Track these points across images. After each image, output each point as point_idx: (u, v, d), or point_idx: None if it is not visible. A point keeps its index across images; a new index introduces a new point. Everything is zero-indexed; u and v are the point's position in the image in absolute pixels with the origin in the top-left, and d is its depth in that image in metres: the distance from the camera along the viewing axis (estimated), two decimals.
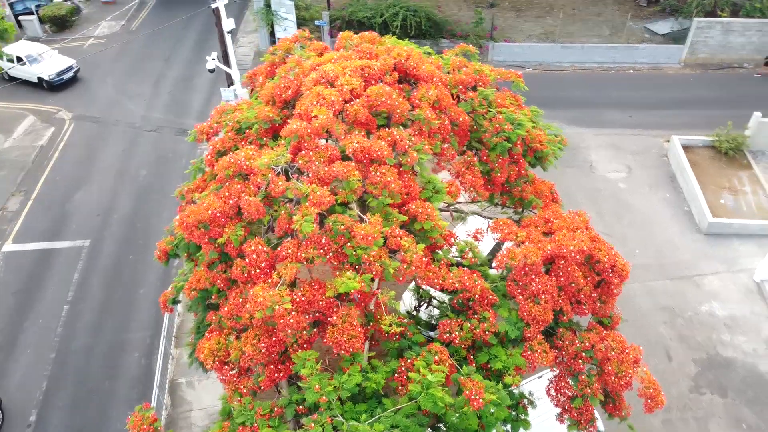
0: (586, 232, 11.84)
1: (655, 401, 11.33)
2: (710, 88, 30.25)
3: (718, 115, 27.23)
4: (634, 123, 28.14)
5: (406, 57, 12.26)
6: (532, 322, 11.00)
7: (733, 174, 24.24)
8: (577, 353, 11.29)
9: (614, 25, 35.01)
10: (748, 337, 18.74)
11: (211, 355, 11.01)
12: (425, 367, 10.20)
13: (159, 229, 23.24)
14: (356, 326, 9.98)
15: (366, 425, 9.41)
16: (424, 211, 10.82)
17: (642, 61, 31.87)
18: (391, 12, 30.25)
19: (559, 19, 34.90)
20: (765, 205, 22.92)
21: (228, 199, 10.63)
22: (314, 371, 9.70)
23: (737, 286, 20.28)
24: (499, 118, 12.74)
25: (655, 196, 24.10)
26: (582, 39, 33.51)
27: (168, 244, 13.92)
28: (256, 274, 10.16)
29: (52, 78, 30.85)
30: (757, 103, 27.32)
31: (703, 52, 31.32)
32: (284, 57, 14.23)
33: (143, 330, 19.79)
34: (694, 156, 24.85)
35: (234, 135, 12.15)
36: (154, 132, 28.46)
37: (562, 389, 11.62)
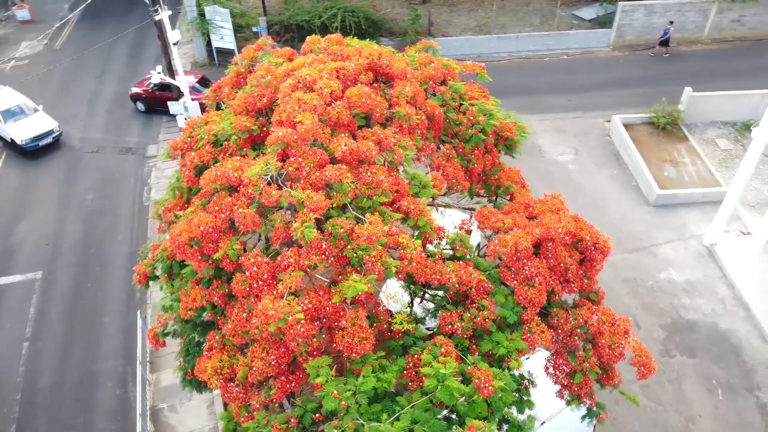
0: (568, 213, 12.29)
1: (648, 368, 11.89)
2: (639, 68, 31.82)
3: (649, 93, 28.75)
4: (574, 106, 29.26)
5: (378, 56, 12.34)
6: (528, 305, 11.31)
7: (672, 147, 25.63)
8: (572, 330, 11.69)
9: (543, 13, 36.25)
10: (706, 299, 19.90)
11: (215, 374, 10.74)
12: (433, 360, 10.34)
13: (116, 254, 22.45)
14: (366, 328, 9.98)
15: (387, 425, 9.46)
16: (416, 207, 10.94)
17: (574, 46, 33.14)
18: (330, 13, 30.20)
19: (491, 11, 35.84)
20: (704, 174, 24.35)
21: (219, 213, 10.39)
22: (329, 378, 9.65)
23: (689, 252, 21.49)
24: (473, 110, 13.02)
25: (603, 174, 25.18)
26: (515, 29, 34.53)
27: (147, 266, 13.47)
28: (259, 287, 9.99)
29: (25, 143, 26.58)
30: (683, 78, 29.01)
31: (629, 34, 32.90)
32: (249, 66, 14.01)
33: (113, 359, 19.03)
34: (635, 133, 26.10)
35: (211, 148, 11.87)
36: (95, 153, 27.31)
37: (561, 366, 12.01)
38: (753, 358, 18.18)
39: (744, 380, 17.63)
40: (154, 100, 28.73)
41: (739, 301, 19.73)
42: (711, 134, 26.21)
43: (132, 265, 22.21)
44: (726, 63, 31.47)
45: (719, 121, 26.62)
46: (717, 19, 32.80)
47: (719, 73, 30.19)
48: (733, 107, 26.24)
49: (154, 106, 28.93)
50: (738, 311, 19.47)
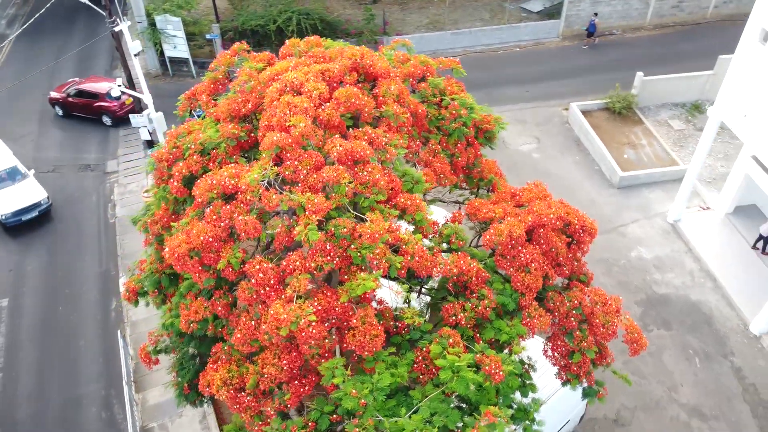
0: (555, 199, 12.66)
1: (639, 344, 12.34)
2: (589, 56, 32.83)
3: (602, 80, 29.73)
4: (531, 97, 29.96)
5: (361, 56, 12.40)
6: (526, 290, 11.60)
7: (629, 130, 26.59)
8: (567, 312, 12.05)
9: (492, 8, 36.93)
10: (675, 273, 20.77)
11: (224, 385, 10.61)
12: (442, 352, 10.51)
13: (85, 274, 21.80)
14: (376, 325, 10.05)
15: (405, 419, 9.56)
16: (413, 203, 11.06)
17: (525, 38, 33.92)
18: (284, 17, 30.01)
19: (441, 8, 36.31)
20: (661, 154, 25.37)
21: (218, 222, 10.27)
22: (346, 378, 9.68)
23: (655, 229, 22.37)
24: (455, 104, 13.24)
25: (567, 160, 25.91)
26: (467, 24, 35.08)
27: (137, 282, 13.18)
28: (266, 293, 9.92)
29: (6, 218, 22.90)
30: (632, 63, 30.12)
31: (577, 24, 33.90)
32: (226, 73, 13.84)
33: (95, 382, 18.49)
34: (593, 119, 26.96)
35: (199, 157, 11.68)
36: (52, 172, 26.35)
37: (559, 348, 12.36)
38: (724, 326, 19.09)
39: (718, 347, 18.50)
40: (71, 106, 28.94)
41: (705, 272, 20.67)
42: (664, 116, 27.32)
43: (103, 284, 21.68)
44: (669, 47, 32.80)
45: (670, 103, 27.76)
46: (658, 6, 34.15)
47: (664, 57, 31.44)
48: (682, 89, 27.42)
49: (72, 111, 29.13)
50: (706, 282, 20.40)
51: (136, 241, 22.97)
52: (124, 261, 22.18)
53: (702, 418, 16.86)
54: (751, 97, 17.66)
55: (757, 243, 20.90)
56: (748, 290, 19.82)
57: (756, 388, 17.44)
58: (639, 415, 16.96)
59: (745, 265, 20.65)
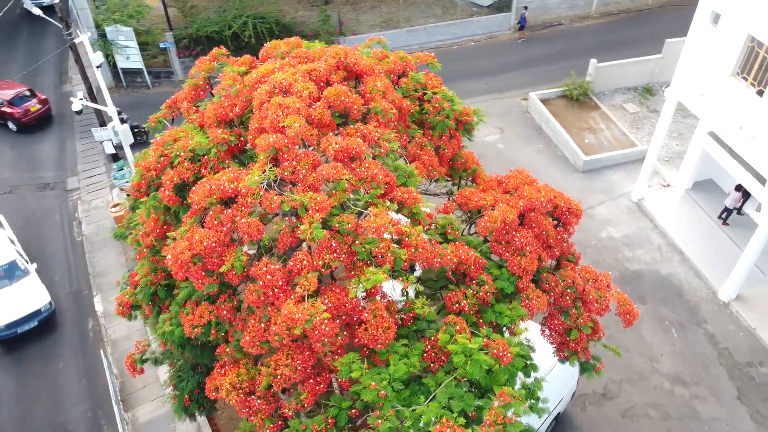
0: (540, 184, 13.05)
1: (632, 315, 12.90)
2: (541, 47, 33.70)
3: (556, 69, 30.62)
4: (490, 89, 30.57)
5: (345, 54, 12.48)
6: (522, 273, 11.94)
7: (587, 116, 27.48)
8: (562, 291, 12.47)
9: (443, 4, 37.47)
10: (645, 249, 21.63)
11: (233, 390, 10.54)
12: (450, 339, 10.72)
13: (55, 296, 21.05)
14: (387, 318, 10.18)
15: (425, 407, 9.72)
16: (410, 196, 11.23)
17: (478, 32, 34.58)
18: (240, 22, 29.70)
19: (393, 6, 36.64)
20: (620, 136, 26.32)
21: (219, 227, 10.20)
22: (363, 371, 9.78)
23: (621, 209, 23.22)
24: (437, 97, 13.48)
25: (530, 148, 26.59)
26: (420, 21, 35.48)
27: (129, 295, 12.91)
28: (275, 294, 9.92)
29: None
30: (583, 52, 31.14)
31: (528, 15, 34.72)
32: (206, 78, 13.69)
33: (79, 405, 17.97)
34: (552, 107, 27.73)
35: (190, 164, 11.53)
36: (9, 194, 25.33)
37: (556, 327, 12.76)
38: (694, 296, 20.01)
39: (691, 317, 19.38)
40: None
41: (672, 247, 21.60)
42: (618, 100, 28.34)
43: (77, 304, 21.03)
44: (616, 34, 34.01)
45: (623, 87, 28.82)
46: None
47: (612, 44, 32.57)
48: (634, 73, 28.51)
49: None
50: (674, 256, 21.32)
51: (107, 257, 22.43)
52: (96, 279, 21.57)
53: (683, 384, 17.64)
54: (706, 77, 18.57)
55: (722, 214, 21.97)
56: (713, 260, 20.83)
57: (730, 352, 18.35)
58: (625, 387, 17.62)
59: (708, 237, 21.68)
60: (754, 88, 17.11)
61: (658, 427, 16.73)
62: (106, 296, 20.93)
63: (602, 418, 17.04)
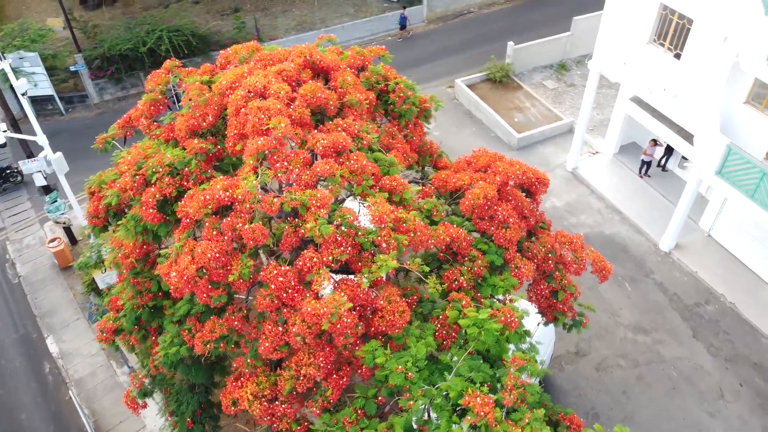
0: (507, 158, 13.69)
1: (607, 270, 13.79)
2: (456, 35, 34.75)
3: (474, 54, 31.75)
4: (414, 80, 30.74)
5: (310, 53, 12.53)
6: (508, 245, 12.50)
7: (513, 96, 28.72)
8: (545, 257, 13.15)
9: (355, 2, 37.79)
10: (587, 214, 22.97)
11: (255, 400, 10.41)
12: (458, 315, 11.10)
13: (1, 345, 19.62)
14: (401, 302, 10.41)
15: (450, 382, 10.02)
16: (398, 183, 11.49)
17: (393, 27, 35.17)
18: (155, 37, 28.69)
19: (304, 9, 36.61)
20: (545, 112, 27.72)
21: (220, 237, 10.02)
22: (387, 357, 9.94)
23: (559, 179, 24.49)
24: (401, 87, 13.79)
25: (465, 133, 27.45)
26: (335, 21, 35.62)
27: (113, 320, 12.35)
28: (289, 295, 9.89)
29: None
30: (495, 36, 32.54)
31: (439, 7, 35.76)
32: (163, 91, 13.28)
33: None
34: (478, 91, 28.75)
35: (171, 179, 11.20)
36: None
37: (542, 291, 13.42)
38: (638, 250, 21.50)
39: (639, 270, 20.82)
40: None
41: (611, 208, 23.08)
42: (538, 78, 29.80)
43: (27, 349, 19.72)
44: (523, 17, 35.62)
45: (540, 66, 30.33)
46: None
47: (521, 26, 34.11)
48: (548, 52, 30.05)
49: None
50: (614, 216, 22.79)
51: (52, 295, 21.14)
52: (45, 320, 20.28)
53: (645, 332, 18.97)
54: (625, 46, 19.98)
55: (641, 169, 23.73)
56: (648, 215, 22.47)
57: (678, 296, 19.91)
58: (595, 343, 18.72)
59: (639, 195, 23.34)
60: (672, 52, 18.62)
61: (630, 374, 17.92)
62: (60, 336, 19.75)
63: (579, 375, 18.03)
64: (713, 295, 19.87)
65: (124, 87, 30.26)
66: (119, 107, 30.11)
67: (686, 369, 17.97)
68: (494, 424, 9.53)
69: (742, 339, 18.63)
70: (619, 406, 17.19)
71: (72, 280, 21.52)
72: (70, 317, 20.36)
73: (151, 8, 36.26)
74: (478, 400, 9.59)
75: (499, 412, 9.64)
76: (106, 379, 18.61)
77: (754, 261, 20.34)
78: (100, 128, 28.60)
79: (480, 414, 9.44)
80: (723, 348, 18.44)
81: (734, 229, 20.67)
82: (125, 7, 37.13)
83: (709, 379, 17.69)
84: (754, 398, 17.21)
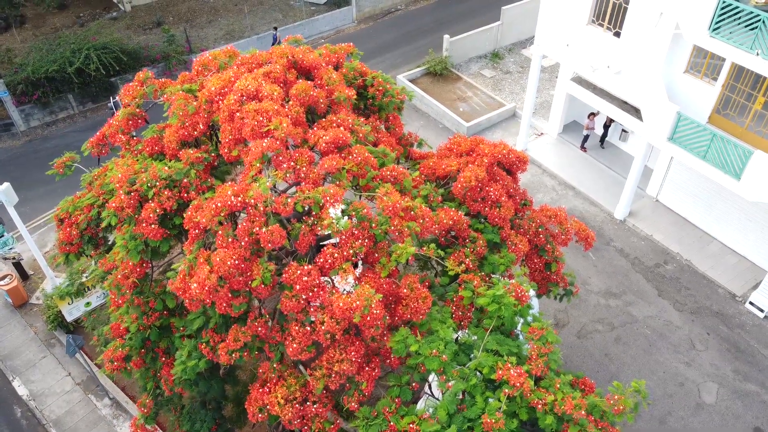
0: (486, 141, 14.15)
1: (591, 238, 14.52)
2: (388, 33, 35.18)
3: (408, 50, 32.32)
4: None
5: (292, 54, 12.46)
6: (503, 223, 12.93)
7: (454, 87, 29.43)
8: (535, 231, 13.69)
9: (281, 8, 37.52)
10: (543, 193, 23.87)
11: (287, 403, 10.28)
12: (472, 295, 11.40)
13: None
14: (422, 288, 10.58)
15: (479, 359, 10.30)
16: (399, 173, 11.66)
17: (325, 29, 35.20)
18: (82, 56, 27.37)
19: (229, 18, 36.03)
20: (487, 100, 28.59)
21: (237, 244, 9.84)
22: (421, 343, 10.08)
23: None
24: (379, 80, 13.94)
25: (413, 126, 27.82)
26: (264, 28, 35.23)
27: (121, 347, 11.79)
28: (315, 294, 9.84)
29: None
30: (426, 31, 33.27)
31: (367, 7, 36.08)
32: (140, 105, 12.82)
33: None
34: (420, 85, 29.27)
35: (170, 192, 10.85)
36: None
37: (536, 264, 13.96)
38: (596, 221, 22.63)
39: (600, 239, 21.89)
40: None
41: (564, 185, 24.15)
42: (475, 68, 30.68)
43: None
44: (449, 10, 36.49)
45: (476, 56, 31.23)
46: None
47: (449, 20, 34.95)
48: (481, 42, 30.99)
49: None
50: (567, 192, 23.86)
51: (10, 336, 19.86)
52: (7, 362, 19.01)
53: (615, 296, 20.02)
54: (566, 29, 20.97)
55: (583, 144, 25.02)
56: (598, 187, 23.68)
57: (640, 260, 21.13)
58: (571, 312, 19.57)
59: (588, 169, 24.54)
60: (611, 31, 19.74)
61: (609, 337, 18.87)
62: (28, 377, 18.58)
63: (562, 344, 18.75)
64: (670, 255, 21.22)
65: (53, 111, 28.69)
66: (49, 133, 28.59)
67: (658, 326, 19.11)
68: (529, 393, 9.90)
69: (702, 292, 20.01)
70: (604, 368, 18.07)
71: (30, 317, 20.28)
72: (35, 356, 19.19)
73: (65, 28, 34.61)
74: (512, 372, 9.92)
75: (531, 382, 10.02)
76: (86, 415, 17.68)
77: (699, 219, 21.88)
78: (31, 156, 27.38)
79: (516, 385, 9.78)
80: (687, 302, 19.74)
81: (679, 193, 22.14)
82: (36, 29, 35.25)
83: (679, 333, 18.90)
84: (721, 343, 18.55)
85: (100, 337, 13.37)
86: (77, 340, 15.94)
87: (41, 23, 35.77)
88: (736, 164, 16.96)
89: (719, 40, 16.46)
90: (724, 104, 18.47)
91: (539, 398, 9.92)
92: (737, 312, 19.42)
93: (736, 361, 18.14)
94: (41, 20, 35.98)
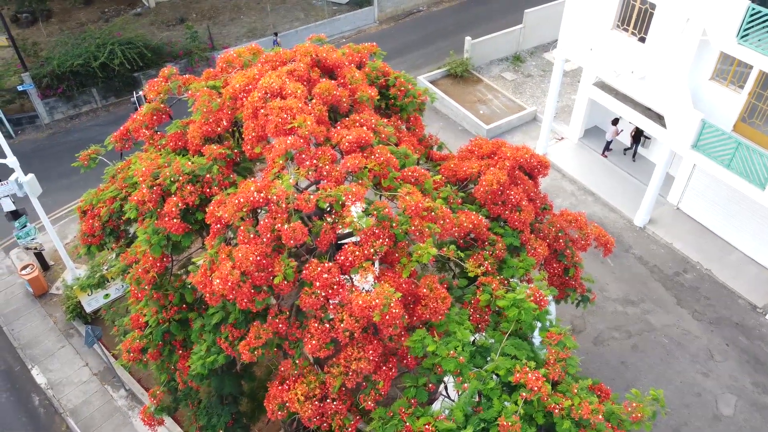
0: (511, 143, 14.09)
1: (611, 243, 14.40)
2: (409, 34, 35.21)
3: (430, 51, 32.28)
4: None
5: (316, 52, 12.51)
6: (523, 227, 12.87)
7: (474, 89, 29.36)
8: (555, 236, 13.61)
9: (303, 7, 37.69)
10: (562, 197, 23.73)
11: (306, 400, 10.32)
12: (490, 298, 11.36)
13: None
14: (441, 288, 10.56)
15: (497, 362, 10.25)
16: (420, 174, 11.65)
17: (347, 29, 35.29)
18: (107, 51, 27.70)
19: (251, 16, 36.28)
20: (508, 103, 28.48)
21: (259, 240, 9.90)
22: (438, 344, 10.06)
23: None
24: (401, 81, 13.95)
25: (433, 128, 27.65)
26: (285, 27, 35.41)
27: (139, 339, 11.91)
28: (335, 291, 9.87)
29: None
30: (448, 32, 33.19)
31: (389, 7, 36.11)
32: (164, 100, 12.94)
33: None
34: (441, 86, 29.24)
35: (192, 187, 10.94)
36: None
37: (554, 269, 13.87)
38: (615, 227, 22.44)
39: (619, 246, 21.70)
40: None
41: (583, 190, 23.97)
42: (496, 71, 30.58)
43: (10, 383, 18.76)
44: (470, 12, 36.42)
45: (497, 59, 31.12)
46: None
47: (471, 22, 34.87)
48: (503, 45, 30.88)
49: None
50: (587, 198, 23.68)
51: (30, 325, 20.14)
52: (27, 351, 19.29)
53: (633, 304, 19.83)
54: (590, 33, 20.82)
55: (605, 150, 24.81)
56: (619, 193, 23.49)
57: (659, 268, 20.91)
58: (588, 319, 19.42)
59: (608, 175, 24.35)
60: (636, 36, 19.57)
61: (625, 345, 18.70)
62: (46, 366, 18.84)
63: (578, 350, 18.53)
64: (690, 264, 20.98)
65: (76, 105, 29.07)
66: (72, 126, 28.98)
67: (676, 335, 18.91)
68: (546, 398, 9.84)
69: (722, 302, 19.76)
70: (620, 375, 17.91)
71: (50, 308, 20.56)
72: (54, 345, 19.46)
73: (90, 22, 35.05)
74: (530, 375, 9.87)
75: (548, 386, 9.96)
76: (102, 405, 17.89)
77: (720, 228, 21.60)
78: (54, 149, 27.72)
79: (534, 389, 9.72)
80: (706, 312, 19.51)
81: (701, 201, 21.88)
82: (62, 23, 35.75)
83: (698, 343, 18.68)
84: (741, 355, 18.30)
85: (120, 328, 13.51)
86: (96, 331, 16.13)
87: (67, 18, 36.25)
88: (761, 174, 16.73)
89: (747, 47, 16.26)
90: (750, 112, 18.23)
91: (556, 402, 9.86)
92: (758, 324, 19.14)
93: (755, 373, 17.88)
94: (67, 15, 36.46)
